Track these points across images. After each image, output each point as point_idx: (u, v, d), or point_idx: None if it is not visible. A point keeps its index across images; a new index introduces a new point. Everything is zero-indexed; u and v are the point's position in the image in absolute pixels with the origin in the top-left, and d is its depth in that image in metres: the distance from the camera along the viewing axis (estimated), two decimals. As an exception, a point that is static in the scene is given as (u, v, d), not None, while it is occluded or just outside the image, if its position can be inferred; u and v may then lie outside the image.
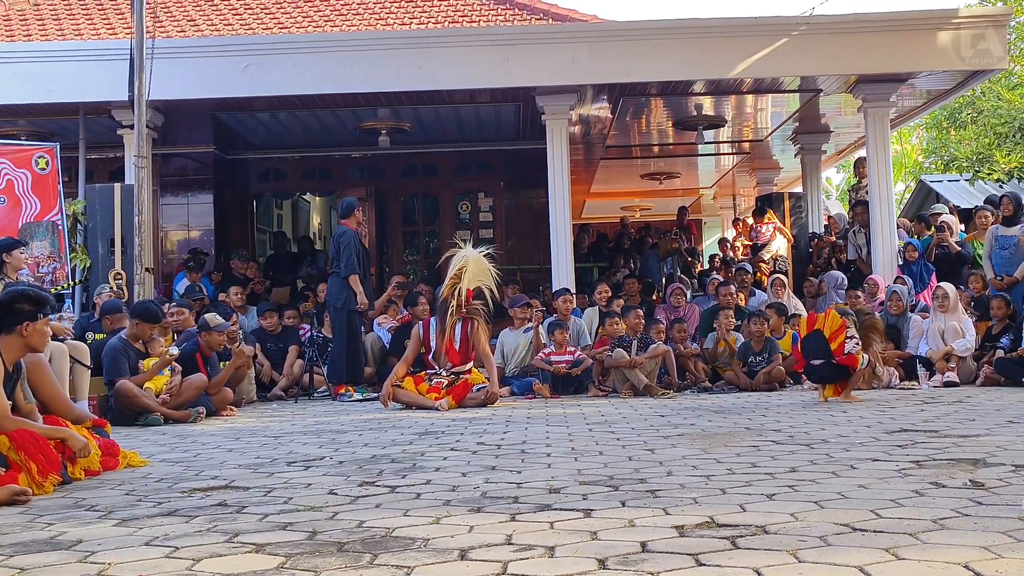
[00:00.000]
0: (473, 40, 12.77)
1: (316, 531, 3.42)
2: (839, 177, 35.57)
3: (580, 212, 22.38)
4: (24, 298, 5.13)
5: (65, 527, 3.73)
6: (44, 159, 11.55)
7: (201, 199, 15.12)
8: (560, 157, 12.66)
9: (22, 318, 5.04)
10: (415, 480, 4.59)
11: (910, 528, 3.11)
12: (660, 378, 10.29)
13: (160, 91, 11.35)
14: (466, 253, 9.52)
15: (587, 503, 3.80)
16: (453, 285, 9.41)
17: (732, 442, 5.66)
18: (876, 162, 12.90)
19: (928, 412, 7.23)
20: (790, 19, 12.73)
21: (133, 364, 8.62)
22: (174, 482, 4.83)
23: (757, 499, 3.75)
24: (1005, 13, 13.22)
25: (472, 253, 9.53)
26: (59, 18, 16.26)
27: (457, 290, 9.38)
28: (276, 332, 11.66)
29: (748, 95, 13.81)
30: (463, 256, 9.51)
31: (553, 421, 7.41)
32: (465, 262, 9.45)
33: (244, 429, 7.64)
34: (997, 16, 12.49)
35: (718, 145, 17.51)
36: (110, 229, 11.68)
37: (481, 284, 9.53)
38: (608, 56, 12.24)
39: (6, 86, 12.03)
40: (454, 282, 9.41)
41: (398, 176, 16.81)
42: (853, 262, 13.78)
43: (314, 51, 12.40)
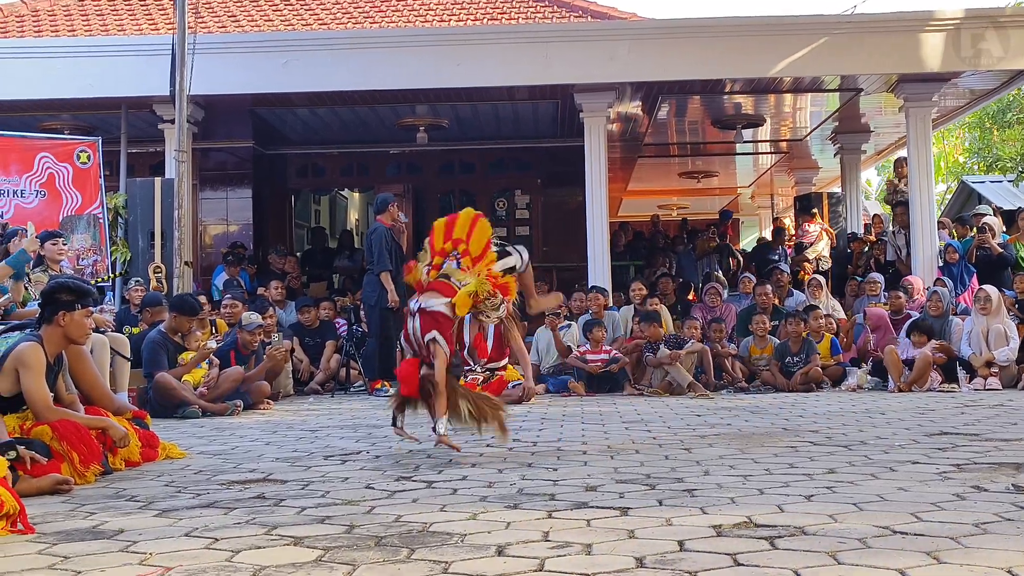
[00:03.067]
0: (512, 37, 12.76)
1: (354, 525, 3.44)
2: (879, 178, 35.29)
3: (617, 210, 22.31)
4: (63, 289, 5.20)
5: (107, 516, 3.77)
6: (86, 153, 11.66)
7: (240, 194, 15.23)
8: (598, 155, 12.63)
9: (60, 307, 5.10)
10: (451, 476, 4.60)
11: (951, 532, 3.08)
12: (697, 378, 10.24)
13: (201, 86, 11.44)
14: None
15: (624, 501, 3.79)
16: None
17: (769, 443, 5.63)
18: (917, 162, 12.77)
19: (968, 415, 7.16)
20: (831, 17, 12.63)
21: (171, 357, 8.69)
22: (213, 474, 4.87)
23: (795, 500, 3.73)
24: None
25: None
26: (103, 14, 16.42)
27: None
28: (314, 327, 11.72)
29: (787, 94, 13.71)
30: None
31: (589, 419, 7.41)
32: None
33: (281, 422, 7.69)
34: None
35: (756, 144, 17.42)
36: (150, 223, 11.78)
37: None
38: (647, 54, 12.20)
39: (50, 81, 12.16)
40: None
41: (435, 173, 16.84)
42: (892, 263, 13.66)
43: (353, 47, 12.43)
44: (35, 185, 11.43)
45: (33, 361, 4.92)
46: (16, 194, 11.33)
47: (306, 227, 18.82)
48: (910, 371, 9.93)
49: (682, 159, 19.02)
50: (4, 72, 12.11)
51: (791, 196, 20.36)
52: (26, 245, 7.75)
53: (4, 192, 11.31)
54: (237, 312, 10.29)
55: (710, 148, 17.81)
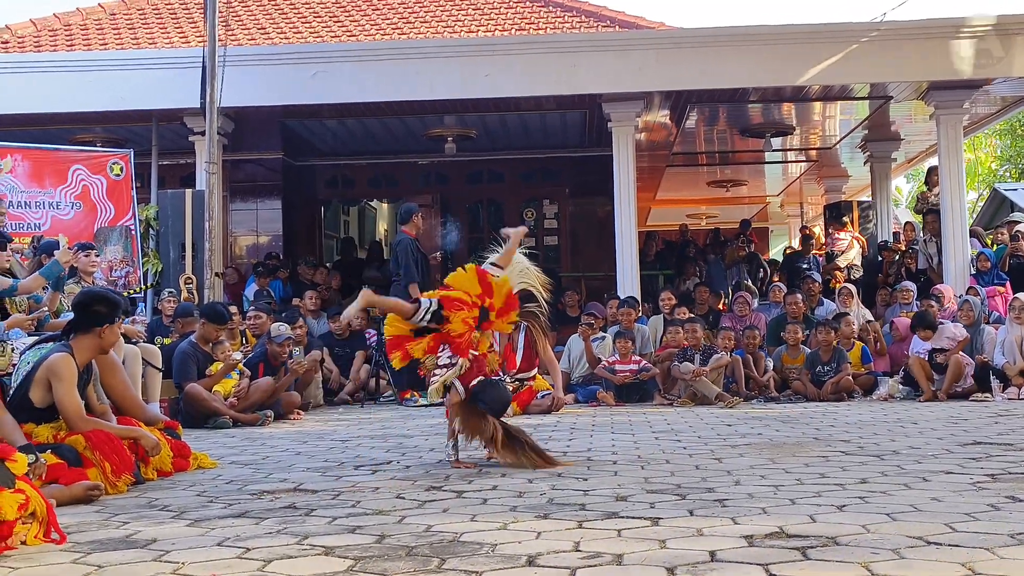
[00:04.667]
0: (540, 47, 12.77)
1: (385, 535, 3.44)
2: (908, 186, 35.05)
3: (645, 219, 22.28)
4: (101, 301, 5.25)
5: (139, 526, 3.79)
6: (119, 165, 11.77)
7: (270, 205, 15.33)
8: (626, 164, 12.63)
9: (101, 320, 5.15)
10: (481, 486, 4.60)
11: (986, 543, 3.05)
12: (727, 387, 10.20)
13: (231, 98, 11.52)
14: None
15: (655, 511, 3.78)
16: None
17: (800, 452, 5.60)
18: (948, 170, 12.68)
19: (1002, 425, 7.09)
20: (860, 25, 12.56)
21: (201, 367, 8.74)
22: (244, 484, 4.89)
23: (827, 510, 3.71)
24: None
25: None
26: (134, 27, 16.57)
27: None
28: (344, 337, 11.75)
29: (816, 102, 13.65)
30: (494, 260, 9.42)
31: (618, 429, 7.39)
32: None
33: (312, 433, 7.71)
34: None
35: (785, 153, 17.34)
36: (181, 234, 11.86)
37: (525, 285, 9.42)
38: (675, 63, 12.18)
39: (82, 94, 12.29)
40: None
41: (463, 183, 16.89)
42: (924, 271, 13.56)
43: (382, 59, 12.48)
44: (70, 197, 11.55)
45: (65, 371, 4.96)
46: (52, 206, 11.45)
47: (335, 238, 18.89)
48: (938, 375, 9.93)
49: (711, 168, 18.97)
50: (38, 86, 12.24)
51: (820, 204, 20.26)
52: (59, 256, 7.82)
53: (41, 204, 11.43)
54: (262, 323, 10.33)
55: (739, 157, 17.75)
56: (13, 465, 3.58)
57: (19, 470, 3.60)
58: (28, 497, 3.44)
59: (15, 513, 3.36)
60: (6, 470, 3.53)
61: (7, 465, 3.55)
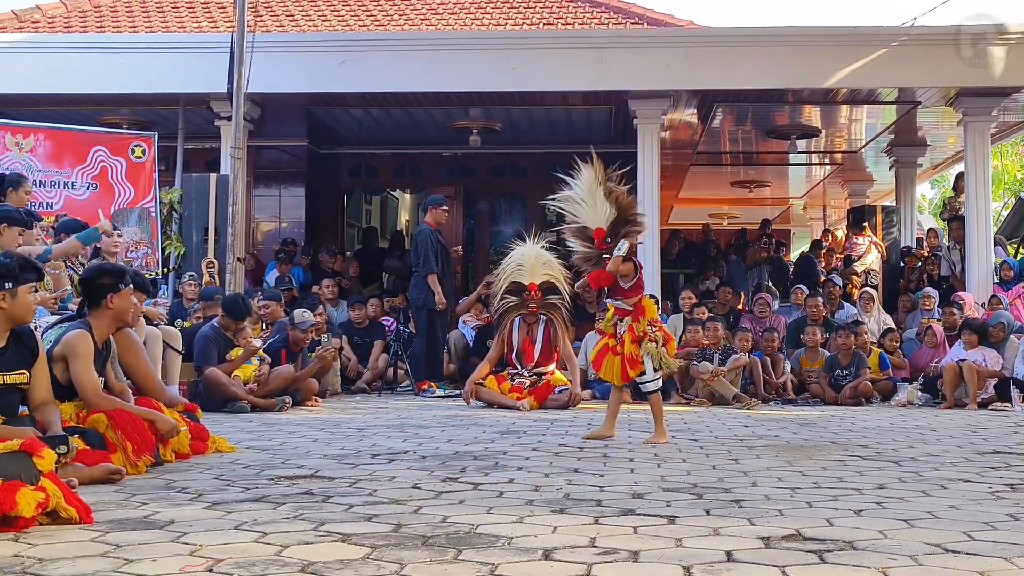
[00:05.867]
0: (567, 42, 12.76)
1: (401, 524, 3.46)
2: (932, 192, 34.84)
3: (668, 217, 22.22)
4: (103, 272, 5.32)
5: (158, 507, 3.82)
6: (141, 147, 11.82)
7: (293, 192, 15.36)
8: (651, 162, 12.60)
9: (106, 291, 5.20)
10: (498, 478, 4.61)
11: (1004, 552, 3.04)
12: (744, 388, 10.17)
13: (258, 84, 11.52)
14: (522, 250, 9.46)
15: (671, 510, 3.78)
16: (509, 282, 9.35)
17: (818, 456, 5.59)
18: (974, 177, 12.60)
19: (1022, 435, 7.05)
20: (890, 29, 12.51)
21: (222, 352, 8.77)
22: (261, 469, 4.91)
23: (844, 514, 3.70)
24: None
25: (529, 248, 9.45)
26: (163, 10, 16.62)
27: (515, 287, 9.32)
28: (363, 326, 11.79)
29: (843, 105, 13.59)
30: (519, 253, 9.45)
31: (635, 426, 7.38)
32: (522, 259, 9.38)
33: (329, 420, 7.74)
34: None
35: (810, 155, 17.27)
36: (204, 218, 11.90)
37: (548, 277, 9.42)
38: (703, 62, 12.14)
39: (110, 76, 12.34)
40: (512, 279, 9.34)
41: (487, 176, 16.88)
42: (946, 278, 13.49)
43: (409, 49, 12.50)
44: (87, 178, 11.60)
45: (81, 348, 4.99)
46: (67, 185, 11.51)
47: (357, 227, 18.93)
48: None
49: (734, 168, 18.91)
50: (67, 66, 12.29)
51: (844, 208, 20.16)
52: (100, 226, 7.88)
53: (56, 184, 11.48)
54: (272, 311, 10.34)
55: (763, 158, 17.69)
56: (40, 461, 3.57)
57: (46, 466, 3.58)
58: (48, 496, 3.44)
59: (32, 511, 3.37)
60: (32, 465, 3.53)
61: (34, 460, 3.56)
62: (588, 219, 6.49)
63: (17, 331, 4.46)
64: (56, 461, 3.78)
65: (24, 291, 4.41)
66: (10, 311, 4.37)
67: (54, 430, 4.42)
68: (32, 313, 4.62)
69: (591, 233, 6.44)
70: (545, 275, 9.41)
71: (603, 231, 6.35)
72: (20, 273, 4.39)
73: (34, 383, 4.53)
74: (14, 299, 4.36)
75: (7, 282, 4.34)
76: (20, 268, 4.40)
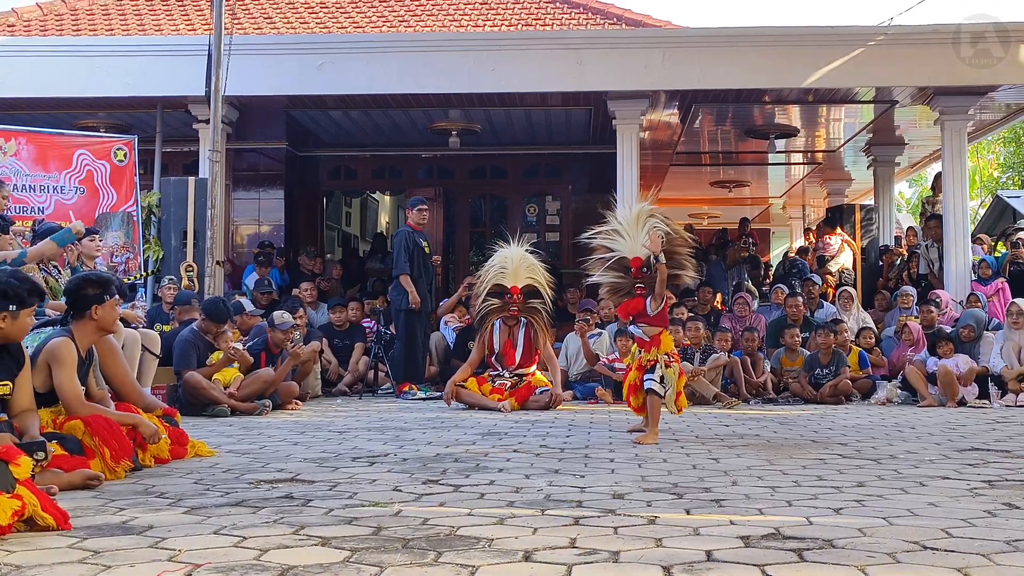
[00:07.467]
0: (546, 43, 12.76)
1: (381, 527, 3.45)
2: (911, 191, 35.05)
3: (647, 218, 22.19)
4: (88, 282, 5.30)
5: (136, 512, 3.80)
6: (123, 151, 11.77)
7: (272, 195, 15.30)
8: (630, 162, 12.62)
9: (91, 302, 5.18)
10: (479, 480, 4.60)
11: (982, 548, 3.06)
12: (724, 388, 10.20)
13: (236, 87, 11.47)
14: (505, 252, 9.43)
15: (651, 510, 3.79)
16: (492, 285, 9.33)
17: (798, 454, 5.61)
18: (952, 176, 12.67)
19: (1000, 431, 7.10)
20: (866, 29, 12.55)
21: (202, 356, 8.73)
22: (241, 473, 4.89)
23: (824, 512, 3.71)
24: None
25: (512, 251, 9.43)
26: (140, 13, 16.56)
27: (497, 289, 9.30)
28: (344, 328, 11.77)
29: (821, 105, 13.64)
30: (501, 255, 9.43)
31: (616, 426, 7.40)
32: (504, 261, 9.36)
33: (309, 423, 7.72)
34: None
35: (789, 155, 17.33)
36: (183, 222, 11.84)
37: (531, 281, 9.41)
38: (681, 62, 12.17)
39: (87, 79, 12.29)
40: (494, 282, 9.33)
41: (467, 177, 16.87)
42: (924, 276, 13.55)
43: (388, 51, 12.47)
44: (74, 182, 11.55)
45: (65, 356, 4.97)
46: (56, 190, 11.45)
47: (337, 229, 18.89)
48: (934, 386, 9.91)
49: (714, 168, 18.96)
50: (43, 70, 12.23)
51: (823, 207, 20.24)
52: (73, 226, 7.83)
53: (45, 188, 11.43)
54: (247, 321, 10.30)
55: (742, 158, 17.74)
56: (16, 469, 3.55)
57: (22, 474, 3.55)
58: (24, 504, 3.42)
59: (8, 519, 3.34)
60: (8, 473, 3.50)
61: (10, 468, 3.53)
62: (627, 249, 6.75)
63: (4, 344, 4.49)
64: (33, 467, 3.75)
65: (25, 314, 4.52)
66: (7, 331, 4.47)
67: (31, 436, 4.40)
68: (25, 334, 4.66)
69: (628, 263, 6.66)
70: (528, 279, 9.40)
71: (640, 260, 6.59)
72: (27, 297, 4.50)
73: (17, 392, 4.55)
74: (14, 321, 4.48)
75: (12, 304, 4.44)
76: (28, 292, 4.52)
